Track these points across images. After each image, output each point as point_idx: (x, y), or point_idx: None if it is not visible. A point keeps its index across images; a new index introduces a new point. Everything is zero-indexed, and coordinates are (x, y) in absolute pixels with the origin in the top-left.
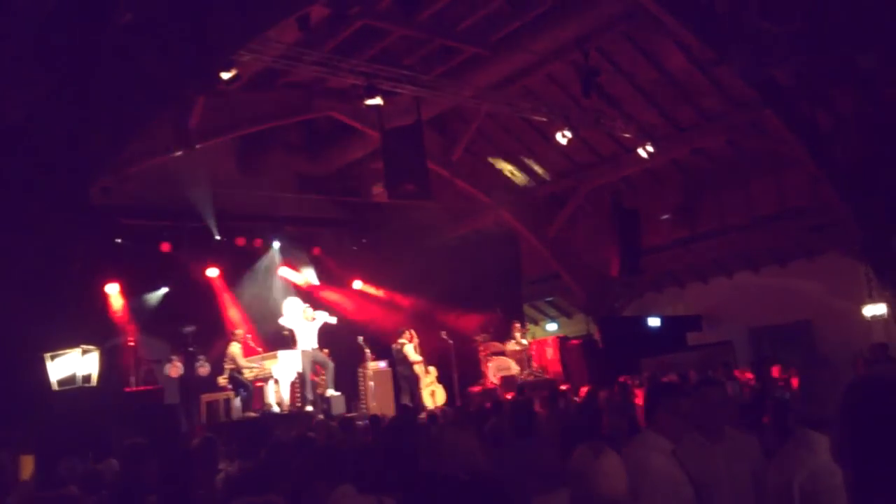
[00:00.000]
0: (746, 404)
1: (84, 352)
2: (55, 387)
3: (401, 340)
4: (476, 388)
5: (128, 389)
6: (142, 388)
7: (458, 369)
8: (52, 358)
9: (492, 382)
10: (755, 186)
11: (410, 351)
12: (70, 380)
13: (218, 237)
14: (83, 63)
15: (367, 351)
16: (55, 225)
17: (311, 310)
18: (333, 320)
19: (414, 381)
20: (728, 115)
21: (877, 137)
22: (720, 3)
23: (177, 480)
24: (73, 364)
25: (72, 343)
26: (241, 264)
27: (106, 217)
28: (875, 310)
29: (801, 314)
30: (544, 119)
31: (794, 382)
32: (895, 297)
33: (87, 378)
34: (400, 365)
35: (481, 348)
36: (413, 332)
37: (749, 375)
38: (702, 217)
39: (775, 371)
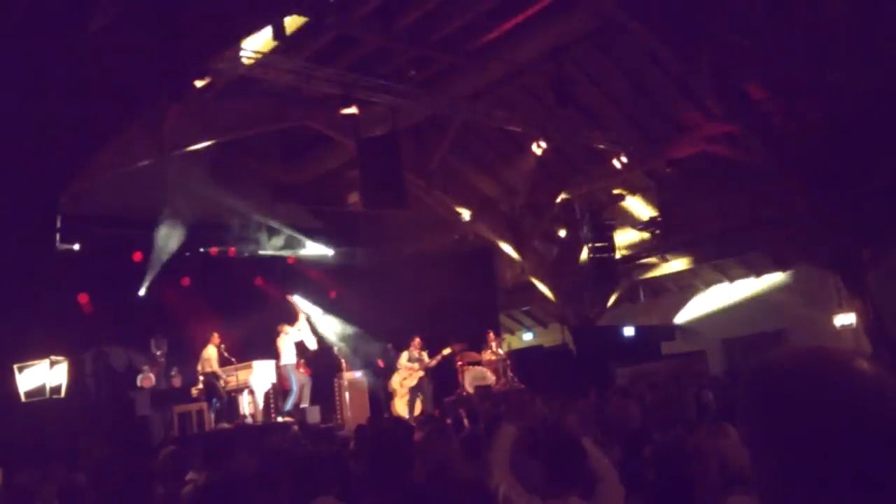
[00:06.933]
0: (720, 411)
1: (53, 363)
2: (23, 398)
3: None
4: (451, 399)
5: (98, 401)
6: (113, 399)
7: (434, 379)
8: (21, 369)
9: (467, 392)
10: (728, 197)
11: (403, 359)
12: (38, 391)
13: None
14: (52, 68)
15: (343, 361)
16: (22, 234)
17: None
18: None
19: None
20: (700, 127)
21: (846, 149)
22: (691, 17)
23: (139, 493)
24: (42, 375)
25: (41, 354)
26: (214, 274)
27: (76, 226)
28: (844, 319)
29: (773, 324)
30: (520, 129)
31: None
32: (864, 306)
33: (56, 389)
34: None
35: (458, 358)
36: (416, 340)
37: None
38: (675, 228)
39: None
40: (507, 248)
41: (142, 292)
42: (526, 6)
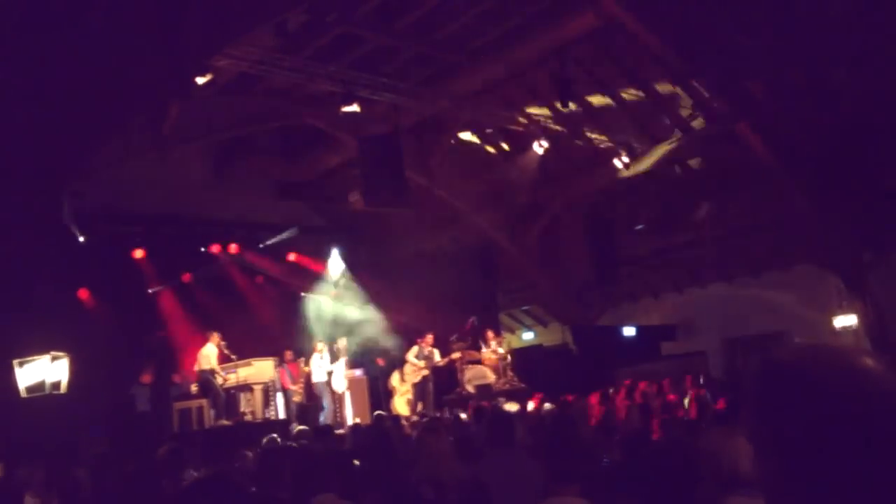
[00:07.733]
0: (721, 411)
1: (53, 358)
2: (23, 394)
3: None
4: (450, 397)
5: (98, 397)
6: (113, 395)
7: (434, 378)
8: (21, 364)
9: (467, 391)
10: (729, 198)
11: (411, 355)
12: (39, 387)
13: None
14: (53, 64)
15: (343, 359)
16: (24, 230)
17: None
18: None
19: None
20: (702, 128)
21: (847, 150)
22: (695, 17)
23: (140, 490)
24: (43, 371)
25: (41, 349)
26: (215, 270)
27: (78, 222)
28: (845, 321)
29: (773, 325)
30: (522, 129)
31: None
32: (865, 307)
33: (56, 385)
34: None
35: (458, 357)
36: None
37: None
38: (676, 228)
39: None
40: (508, 247)
41: (151, 290)
42: (528, 5)
